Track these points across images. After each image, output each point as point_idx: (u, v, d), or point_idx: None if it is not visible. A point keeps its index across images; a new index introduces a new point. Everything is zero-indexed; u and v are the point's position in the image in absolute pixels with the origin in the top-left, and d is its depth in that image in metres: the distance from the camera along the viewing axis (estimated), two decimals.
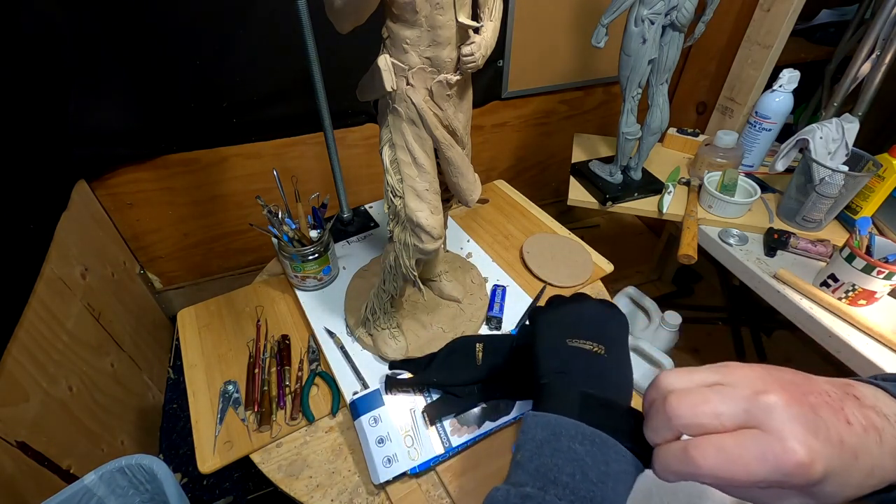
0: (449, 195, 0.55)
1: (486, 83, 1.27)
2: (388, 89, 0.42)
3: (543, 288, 0.75)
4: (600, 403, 0.33)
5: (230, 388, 0.61)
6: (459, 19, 0.40)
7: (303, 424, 0.58)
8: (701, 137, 1.14)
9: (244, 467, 1.00)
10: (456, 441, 0.53)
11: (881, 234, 0.85)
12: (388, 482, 0.51)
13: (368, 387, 0.59)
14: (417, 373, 0.59)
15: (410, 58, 0.41)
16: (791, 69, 0.93)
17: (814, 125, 0.82)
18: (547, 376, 0.36)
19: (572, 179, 1.07)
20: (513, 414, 0.56)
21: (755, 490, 0.25)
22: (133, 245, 1.17)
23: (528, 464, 0.31)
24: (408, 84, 0.43)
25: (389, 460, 0.51)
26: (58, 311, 0.80)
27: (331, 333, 0.67)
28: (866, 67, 0.96)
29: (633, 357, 0.91)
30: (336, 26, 0.40)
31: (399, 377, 0.58)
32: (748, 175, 0.98)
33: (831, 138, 0.81)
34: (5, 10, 0.76)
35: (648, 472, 0.54)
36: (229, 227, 1.24)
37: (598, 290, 0.77)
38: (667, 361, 0.86)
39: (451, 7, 0.39)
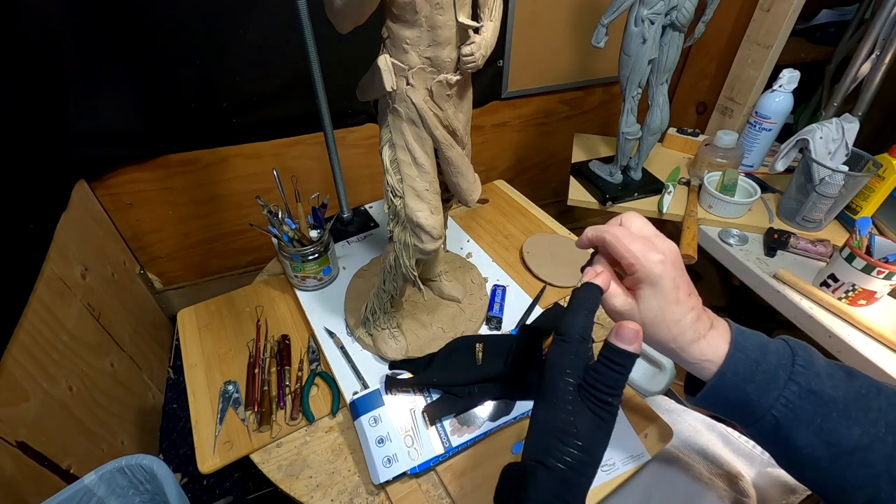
0: (449, 195, 0.55)
1: (486, 83, 1.27)
2: (388, 89, 0.42)
3: (543, 288, 0.75)
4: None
5: (230, 388, 0.61)
6: (459, 19, 0.40)
7: (303, 424, 0.58)
8: (701, 137, 1.14)
9: (244, 467, 1.00)
10: (456, 441, 0.53)
11: (881, 234, 0.85)
12: (388, 482, 0.51)
13: (368, 387, 0.59)
14: (417, 373, 0.59)
15: (410, 58, 0.41)
16: (791, 69, 0.93)
17: (814, 125, 0.82)
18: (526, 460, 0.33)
19: (572, 179, 1.07)
20: (513, 414, 0.56)
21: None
22: (133, 245, 1.17)
23: None
24: (408, 84, 0.43)
25: (389, 460, 0.51)
26: (58, 311, 0.80)
27: (331, 333, 0.67)
28: (866, 67, 0.96)
29: None
30: (336, 26, 0.40)
31: (399, 377, 0.58)
32: (748, 175, 0.98)
33: (831, 138, 0.81)
34: (4, 11, 0.76)
35: (647, 473, 0.54)
36: (229, 227, 1.24)
37: None
38: (667, 361, 0.86)
39: (451, 7, 0.39)
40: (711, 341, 0.35)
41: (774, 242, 0.84)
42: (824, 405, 0.32)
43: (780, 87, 0.94)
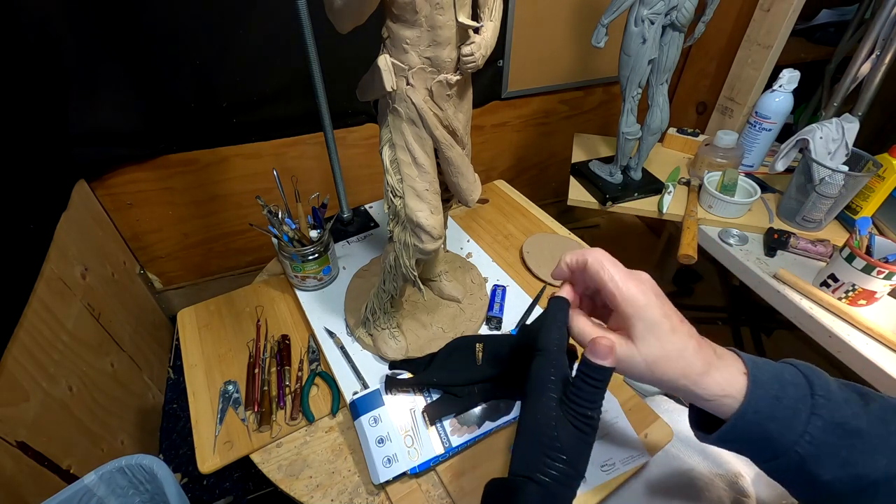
0: (449, 195, 0.56)
1: (486, 83, 1.27)
2: (388, 89, 0.42)
3: (543, 288, 0.75)
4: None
5: (230, 388, 0.61)
6: (459, 19, 0.40)
7: (303, 424, 0.58)
8: (701, 137, 1.14)
9: (244, 467, 1.00)
10: (456, 441, 0.53)
11: (881, 234, 0.85)
12: (388, 482, 0.51)
13: (368, 387, 0.59)
14: (417, 373, 0.59)
15: (410, 58, 0.41)
16: (791, 69, 0.93)
17: (814, 125, 0.82)
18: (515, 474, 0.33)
19: (572, 179, 1.07)
20: (513, 414, 0.56)
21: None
22: (133, 245, 1.17)
23: None
24: (408, 84, 0.43)
25: (389, 460, 0.51)
26: (58, 311, 0.80)
27: (331, 333, 0.67)
28: (866, 67, 0.96)
29: None
30: (336, 26, 0.40)
31: (399, 377, 0.58)
32: (748, 175, 0.98)
33: (831, 138, 0.81)
34: (4, 11, 0.76)
35: (647, 473, 0.54)
36: (229, 227, 1.24)
37: None
38: None
39: (451, 7, 0.39)
40: (724, 373, 0.33)
41: (774, 242, 0.84)
42: (848, 437, 0.30)
43: (780, 87, 0.94)
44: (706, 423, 0.35)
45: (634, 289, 0.33)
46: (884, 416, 0.31)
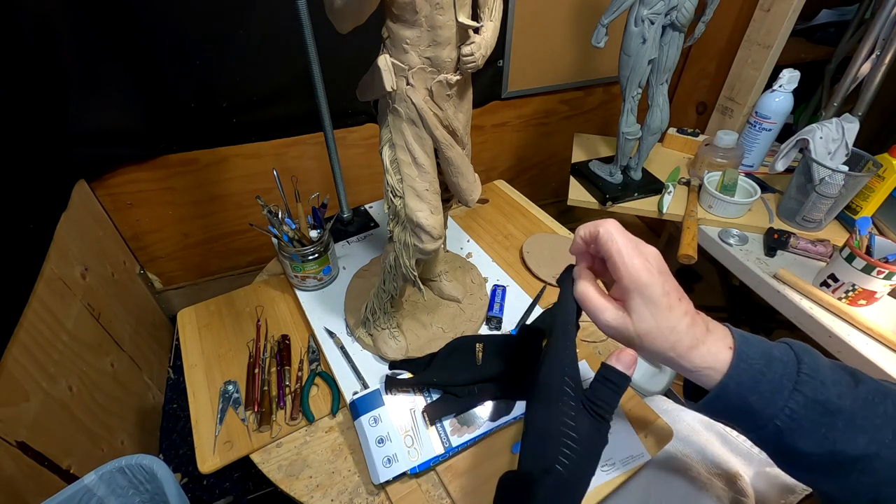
0: (449, 195, 0.56)
1: (486, 83, 1.27)
2: (388, 89, 0.42)
3: (543, 288, 0.75)
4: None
5: (230, 388, 0.61)
6: (459, 19, 0.40)
7: (303, 424, 0.58)
8: (701, 137, 1.14)
9: (244, 467, 1.00)
10: (456, 441, 0.53)
11: (881, 234, 0.85)
12: (388, 482, 0.51)
13: (368, 387, 0.59)
14: (417, 373, 0.59)
15: (410, 58, 0.41)
16: (791, 69, 0.93)
17: (814, 125, 0.82)
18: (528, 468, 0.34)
19: (572, 179, 1.07)
20: (513, 414, 0.56)
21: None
22: (133, 245, 1.17)
23: None
24: (408, 84, 0.43)
25: (389, 460, 0.51)
26: (58, 311, 0.80)
27: (331, 333, 0.67)
28: (866, 67, 0.96)
29: None
30: (336, 26, 0.40)
31: (399, 377, 0.58)
32: (748, 175, 0.98)
33: (831, 138, 0.81)
34: (3, 10, 0.76)
35: (646, 473, 0.54)
36: (229, 227, 1.24)
37: None
38: None
39: (451, 7, 0.39)
40: (711, 347, 0.34)
41: (774, 242, 0.84)
42: (829, 415, 0.31)
43: (780, 87, 0.94)
44: (697, 393, 0.37)
45: (640, 266, 0.33)
46: (871, 398, 0.32)
